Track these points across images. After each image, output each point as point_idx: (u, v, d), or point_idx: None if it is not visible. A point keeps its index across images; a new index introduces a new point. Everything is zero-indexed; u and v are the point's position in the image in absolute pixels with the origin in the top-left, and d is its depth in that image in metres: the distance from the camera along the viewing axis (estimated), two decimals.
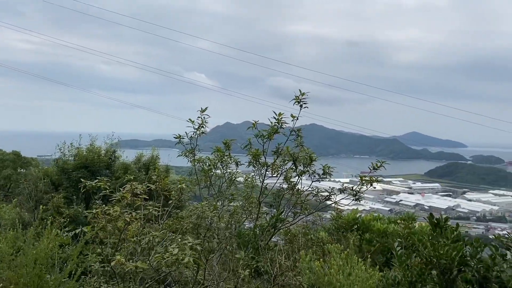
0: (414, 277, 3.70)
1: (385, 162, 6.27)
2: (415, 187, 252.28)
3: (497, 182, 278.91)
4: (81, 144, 14.92)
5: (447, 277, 3.60)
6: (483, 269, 3.72)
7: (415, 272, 3.72)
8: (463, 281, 3.74)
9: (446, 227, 3.82)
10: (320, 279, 3.23)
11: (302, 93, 5.98)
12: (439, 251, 3.44)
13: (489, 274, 3.66)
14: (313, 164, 6.18)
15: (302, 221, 7.22)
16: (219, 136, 12.27)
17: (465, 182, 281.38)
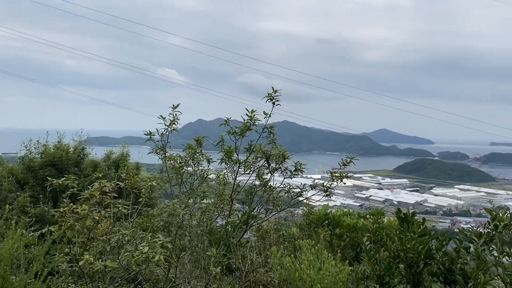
0: (383, 271, 3.79)
1: (354, 158, 6.38)
2: (384, 183, 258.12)
3: (462, 177, 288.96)
4: (48, 141, 14.50)
5: (414, 270, 3.70)
6: (448, 261, 3.85)
7: (383, 266, 3.81)
8: (429, 274, 3.86)
9: (413, 221, 3.93)
10: (291, 274, 3.26)
11: (274, 91, 6.00)
12: (406, 245, 3.54)
13: (454, 267, 3.79)
14: (286, 161, 6.22)
15: (274, 217, 7.26)
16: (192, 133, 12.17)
17: (432, 178, 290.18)
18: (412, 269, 3.69)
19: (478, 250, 3.61)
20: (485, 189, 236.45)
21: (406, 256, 3.60)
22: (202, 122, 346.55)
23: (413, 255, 3.56)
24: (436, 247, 3.75)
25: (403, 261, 3.71)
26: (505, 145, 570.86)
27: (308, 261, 3.20)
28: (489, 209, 4.75)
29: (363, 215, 9.02)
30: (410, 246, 3.52)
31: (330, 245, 7.26)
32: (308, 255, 3.26)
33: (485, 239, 3.93)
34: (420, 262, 3.64)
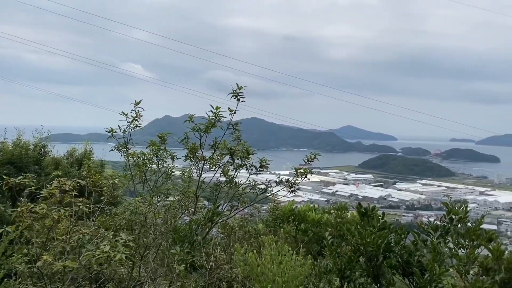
0: (344, 264, 3.88)
1: (318, 154, 6.48)
2: (350, 178, 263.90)
3: (424, 172, 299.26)
4: (6, 138, 13.91)
5: (374, 263, 3.81)
6: (406, 254, 3.98)
7: (344, 259, 3.90)
8: (388, 266, 3.98)
9: (373, 216, 4.04)
10: (253, 270, 3.29)
11: (239, 87, 6.00)
12: (366, 239, 3.63)
13: (411, 259, 3.93)
14: (251, 157, 6.24)
15: (240, 214, 7.28)
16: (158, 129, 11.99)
17: (396, 173, 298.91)
18: (372, 262, 3.80)
19: (434, 243, 3.76)
20: (445, 184, 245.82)
21: (366, 249, 3.70)
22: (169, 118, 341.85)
23: (372, 248, 3.66)
24: (395, 240, 3.87)
25: (363, 255, 3.81)
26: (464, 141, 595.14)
27: (270, 256, 3.23)
28: (446, 203, 4.94)
29: (327, 210, 9.18)
30: (370, 240, 3.62)
31: (295, 241, 7.35)
32: (269, 250, 3.29)
33: (441, 232, 4.09)
34: (379, 255, 3.74)
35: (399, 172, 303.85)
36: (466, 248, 4.81)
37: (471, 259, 4.55)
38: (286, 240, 6.19)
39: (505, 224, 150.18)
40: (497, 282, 4.04)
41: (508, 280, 4.56)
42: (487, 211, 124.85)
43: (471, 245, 4.79)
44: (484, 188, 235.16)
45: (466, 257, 4.58)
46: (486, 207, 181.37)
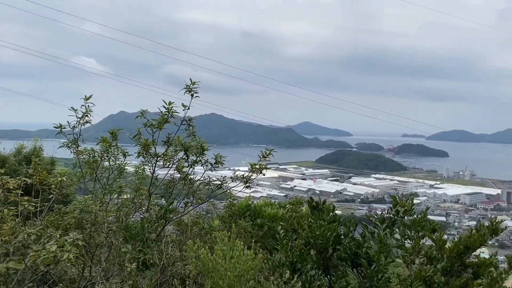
0: (295, 257, 3.95)
1: (273, 150, 6.54)
2: (307, 173, 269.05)
3: (378, 167, 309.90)
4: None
5: (324, 256, 3.91)
6: (355, 246, 4.11)
7: (296, 253, 3.97)
8: (338, 258, 4.10)
9: (324, 209, 4.14)
10: (205, 265, 3.29)
11: (193, 82, 5.94)
12: (316, 232, 3.72)
13: (360, 251, 4.06)
14: (206, 154, 6.20)
15: (195, 210, 7.23)
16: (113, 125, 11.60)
17: (351, 168, 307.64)
18: (322, 255, 3.90)
19: (380, 235, 3.90)
20: (398, 178, 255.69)
21: (316, 242, 3.79)
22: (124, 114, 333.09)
23: (322, 241, 3.76)
24: (344, 233, 3.99)
25: (314, 248, 3.90)
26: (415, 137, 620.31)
27: (222, 251, 3.24)
28: (394, 196, 5.15)
29: (283, 205, 9.30)
30: (319, 233, 3.71)
31: (251, 236, 7.40)
32: (221, 245, 3.31)
33: (388, 224, 4.25)
34: (329, 248, 3.85)
35: (354, 166, 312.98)
36: (412, 239, 5.04)
37: (416, 249, 4.77)
38: (240, 236, 6.23)
39: (453, 215, 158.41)
40: (439, 270, 4.26)
41: (450, 268, 4.83)
42: (427, 205, 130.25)
43: (417, 236, 5.02)
44: (434, 182, 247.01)
45: (412, 248, 4.80)
46: (435, 200, 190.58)
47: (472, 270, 4.80)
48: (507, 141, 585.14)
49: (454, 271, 4.82)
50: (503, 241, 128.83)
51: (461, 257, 4.82)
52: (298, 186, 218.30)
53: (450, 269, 4.81)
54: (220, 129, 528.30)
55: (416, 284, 3.67)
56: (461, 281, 4.45)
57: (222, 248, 3.22)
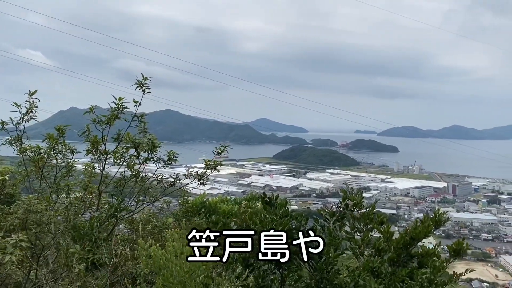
0: (248, 253, 3.98)
1: (228, 146, 6.53)
2: (264, 169, 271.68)
3: (332, 162, 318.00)
4: None
5: None
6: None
7: None
8: (290, 252, 4.16)
9: (276, 204, 4.20)
10: (156, 263, 3.24)
11: (144, 78, 5.81)
12: (267, 226, 3.76)
13: (310, 244, 4.15)
14: (158, 150, 6.08)
15: (148, 208, 7.09)
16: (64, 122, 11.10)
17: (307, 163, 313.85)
18: None
19: (330, 228, 4.00)
20: (351, 173, 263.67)
21: None
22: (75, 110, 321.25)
23: None
24: (295, 227, 4.06)
25: None
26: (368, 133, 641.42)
27: (173, 248, 3.21)
28: (344, 190, 5.30)
29: (238, 201, 9.32)
30: (271, 228, 3.75)
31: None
32: (171, 242, 3.27)
33: (337, 217, 4.37)
34: None
35: (310, 162, 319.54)
36: (362, 231, 5.21)
37: (365, 241, 4.94)
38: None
39: (403, 208, 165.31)
40: (385, 261, 4.44)
41: (396, 259, 5.04)
42: (378, 198, 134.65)
43: (366, 228, 5.21)
44: (385, 176, 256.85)
45: (361, 240, 4.97)
46: (386, 193, 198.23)
47: (418, 260, 5.03)
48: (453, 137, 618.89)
49: (400, 262, 5.04)
50: (449, 232, 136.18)
51: (407, 248, 5.05)
52: (255, 182, 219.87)
53: (397, 259, 5.02)
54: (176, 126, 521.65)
55: (364, 275, 3.80)
56: (406, 271, 4.65)
57: (173, 245, 3.19)
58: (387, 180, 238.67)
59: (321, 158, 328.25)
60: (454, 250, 4.63)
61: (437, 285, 4.48)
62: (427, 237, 4.88)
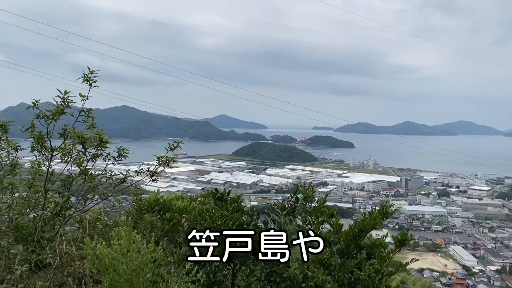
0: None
1: (181, 142, 6.44)
2: (224, 166, 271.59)
3: (291, 158, 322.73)
4: None
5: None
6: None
7: None
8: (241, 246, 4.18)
9: (227, 200, 4.20)
10: (102, 262, 3.15)
11: (91, 71, 5.61)
12: (217, 222, 3.76)
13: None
14: (107, 147, 5.90)
15: (100, 206, 6.88)
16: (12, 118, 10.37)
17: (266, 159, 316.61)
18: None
19: (280, 222, 4.05)
20: (309, 168, 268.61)
21: None
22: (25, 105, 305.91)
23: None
24: (246, 222, 4.08)
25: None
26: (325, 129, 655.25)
27: (119, 246, 3.13)
28: (296, 185, 5.37)
29: (194, 198, 9.24)
30: (221, 223, 3.75)
31: (162, 229, 7.26)
32: (117, 240, 3.19)
33: (288, 211, 4.43)
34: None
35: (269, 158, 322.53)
36: (313, 224, 5.32)
37: (316, 234, 5.04)
38: (146, 230, 6.08)
39: (359, 202, 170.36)
40: (334, 253, 4.56)
41: (346, 250, 5.18)
42: (328, 192, 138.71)
43: (317, 221, 5.31)
44: (342, 171, 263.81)
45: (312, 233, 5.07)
46: (343, 188, 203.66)
47: (367, 251, 5.20)
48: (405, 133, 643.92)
49: (350, 253, 5.19)
50: (402, 224, 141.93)
51: (356, 239, 5.20)
52: (215, 179, 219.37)
53: (347, 251, 5.17)
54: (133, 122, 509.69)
55: (312, 267, 3.88)
56: (355, 261, 4.80)
57: (119, 243, 3.11)
58: (343, 175, 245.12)
59: (280, 154, 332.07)
60: (399, 241, 4.82)
61: (383, 274, 4.65)
62: (375, 228, 5.05)
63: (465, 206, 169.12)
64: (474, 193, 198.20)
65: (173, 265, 4.19)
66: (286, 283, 3.85)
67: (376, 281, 4.47)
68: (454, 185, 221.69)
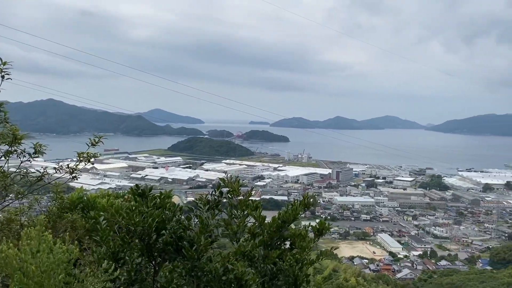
0: (117, 247, 3.87)
1: (102, 137, 6.22)
2: (159, 162, 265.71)
3: (228, 152, 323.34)
4: None
5: (147, 242, 3.92)
6: (181, 230, 4.21)
7: (118, 242, 3.89)
8: (164, 243, 4.14)
9: (147, 196, 4.13)
10: (8, 264, 2.98)
11: (3, 62, 5.23)
12: (135, 219, 3.70)
13: (185, 234, 4.17)
14: (22, 142, 5.55)
15: (13, 205, 6.47)
16: None
17: (203, 154, 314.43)
18: (144, 242, 3.89)
19: (201, 216, 4.08)
20: (246, 162, 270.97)
21: (136, 229, 3.77)
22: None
23: (143, 228, 3.75)
24: (168, 217, 4.05)
25: (136, 235, 3.88)
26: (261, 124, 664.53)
27: (28, 246, 2.98)
28: (223, 179, 5.41)
29: (121, 195, 8.98)
30: (139, 220, 3.70)
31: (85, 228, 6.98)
32: (25, 240, 3.03)
33: (211, 205, 4.46)
34: (152, 234, 3.86)
35: (206, 153, 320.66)
36: (238, 217, 5.40)
37: (241, 227, 5.13)
38: (66, 229, 5.81)
39: (294, 194, 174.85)
40: (257, 245, 4.66)
41: (270, 242, 5.32)
42: (253, 186, 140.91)
43: (242, 215, 5.40)
44: (277, 165, 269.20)
45: (236, 226, 5.14)
46: (279, 181, 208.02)
47: (291, 241, 5.38)
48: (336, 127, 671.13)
49: (274, 244, 5.34)
50: (334, 214, 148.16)
51: (280, 230, 5.36)
52: (150, 175, 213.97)
53: (270, 242, 5.31)
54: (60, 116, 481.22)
55: (232, 260, 3.95)
56: (278, 252, 4.95)
57: (28, 243, 2.96)
58: (279, 168, 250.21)
59: (217, 149, 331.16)
60: (318, 230, 5.04)
61: (304, 263, 4.85)
62: (296, 219, 5.23)
63: (391, 196, 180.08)
64: (399, 184, 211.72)
65: (93, 264, 4.06)
66: (207, 277, 3.88)
67: (297, 270, 4.65)
68: (381, 177, 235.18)
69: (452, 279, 54.25)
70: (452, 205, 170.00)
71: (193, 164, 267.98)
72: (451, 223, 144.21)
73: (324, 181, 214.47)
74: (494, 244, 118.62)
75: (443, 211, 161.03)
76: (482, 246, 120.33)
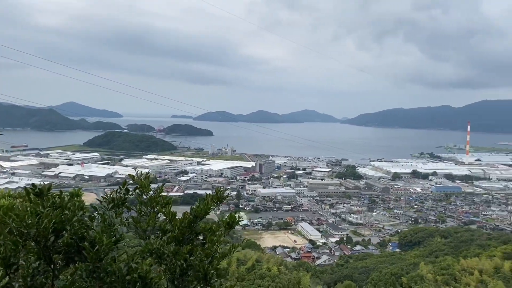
0: (9, 252, 3.58)
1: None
2: (74, 158, 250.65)
3: (149, 147, 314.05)
4: None
5: (43, 245, 3.66)
6: (83, 230, 4.00)
7: (9, 247, 3.60)
8: (64, 245, 3.91)
9: (43, 196, 3.87)
10: None
11: None
12: (27, 221, 3.45)
13: (87, 234, 3.97)
14: None
15: None
16: None
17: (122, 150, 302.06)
18: (40, 245, 3.64)
19: (103, 215, 3.91)
20: (169, 157, 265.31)
21: (30, 232, 3.51)
22: None
23: (37, 230, 3.51)
24: (68, 218, 3.82)
25: (30, 238, 3.61)
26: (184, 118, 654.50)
27: None
28: (132, 175, 5.24)
29: (19, 195, 8.32)
30: (32, 222, 3.45)
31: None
32: None
33: (116, 203, 4.30)
34: (49, 236, 3.62)
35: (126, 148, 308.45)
36: (148, 215, 5.27)
37: (151, 224, 5.01)
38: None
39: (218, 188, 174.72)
40: (166, 241, 4.59)
41: (181, 238, 5.27)
42: (165, 181, 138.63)
43: (152, 211, 5.28)
44: (201, 159, 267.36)
45: (146, 224, 5.02)
46: (203, 175, 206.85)
47: (203, 236, 5.37)
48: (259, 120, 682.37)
49: (185, 240, 5.30)
50: (257, 206, 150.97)
51: (191, 226, 5.33)
52: (64, 172, 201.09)
53: (182, 238, 5.26)
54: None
55: (136, 258, 3.84)
56: (188, 248, 4.91)
57: None
58: (203, 162, 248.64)
59: (137, 144, 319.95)
60: (228, 223, 5.08)
61: (214, 257, 4.87)
62: (208, 213, 5.24)
63: (310, 186, 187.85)
64: (317, 175, 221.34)
65: None
66: (111, 278, 3.74)
67: (206, 265, 4.66)
68: (301, 168, 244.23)
69: (366, 262, 58.06)
70: (365, 193, 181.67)
71: (111, 160, 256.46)
72: (365, 210, 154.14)
73: (247, 174, 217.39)
74: (403, 228, 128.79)
75: (358, 199, 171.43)
76: (392, 231, 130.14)
